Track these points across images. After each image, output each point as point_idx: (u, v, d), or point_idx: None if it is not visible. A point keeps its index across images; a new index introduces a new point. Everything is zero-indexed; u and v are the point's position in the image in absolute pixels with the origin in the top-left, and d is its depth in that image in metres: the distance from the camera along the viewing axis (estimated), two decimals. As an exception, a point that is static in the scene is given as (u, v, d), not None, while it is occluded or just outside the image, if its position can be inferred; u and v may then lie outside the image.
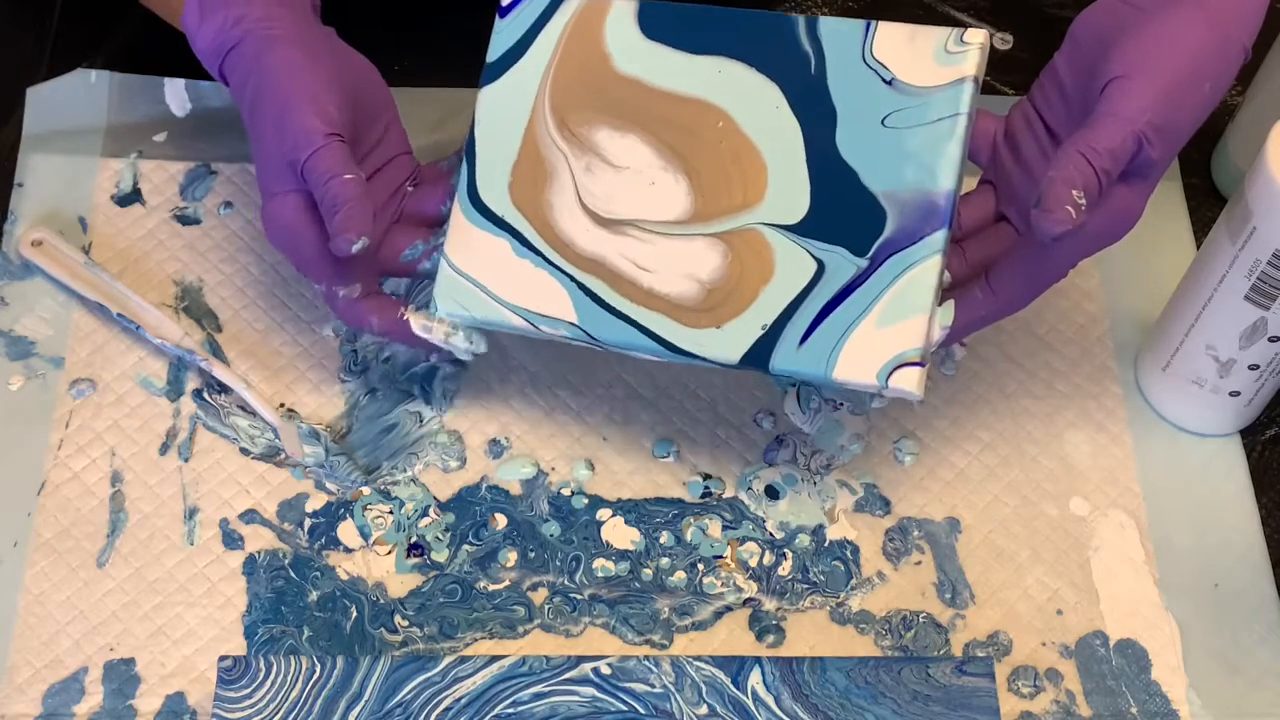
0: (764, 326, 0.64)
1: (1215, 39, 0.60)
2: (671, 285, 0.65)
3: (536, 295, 0.66)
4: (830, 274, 0.63)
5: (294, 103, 0.64)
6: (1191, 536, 0.71)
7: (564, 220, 0.67)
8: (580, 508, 0.71)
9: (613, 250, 0.66)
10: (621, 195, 0.67)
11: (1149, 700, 0.66)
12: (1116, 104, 0.59)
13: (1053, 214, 0.57)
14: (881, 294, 0.62)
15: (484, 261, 0.68)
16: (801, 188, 0.65)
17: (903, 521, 0.71)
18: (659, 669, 0.63)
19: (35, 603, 0.67)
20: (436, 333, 0.68)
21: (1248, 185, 0.64)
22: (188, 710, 0.65)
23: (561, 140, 0.68)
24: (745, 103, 0.66)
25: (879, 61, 0.65)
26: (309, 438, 0.71)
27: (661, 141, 0.67)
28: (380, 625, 0.67)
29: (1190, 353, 0.70)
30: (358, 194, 0.63)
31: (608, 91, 0.68)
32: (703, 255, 0.65)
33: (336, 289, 0.68)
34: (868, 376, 0.62)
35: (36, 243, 0.75)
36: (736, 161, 0.66)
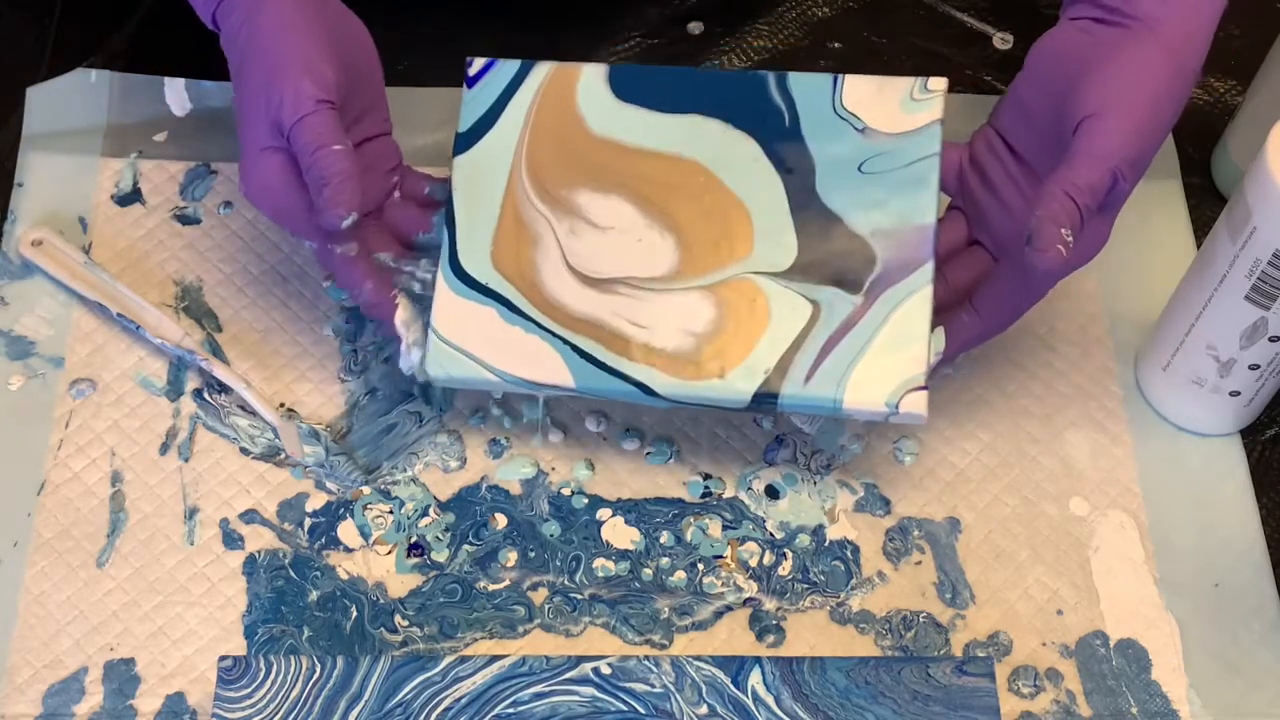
0: (767, 370, 0.65)
1: (1173, 69, 0.63)
2: (667, 340, 0.66)
3: (531, 362, 0.66)
4: (827, 313, 0.66)
5: (286, 63, 0.63)
6: (1192, 536, 0.71)
7: (551, 283, 0.67)
8: (580, 507, 0.71)
9: (604, 309, 0.66)
10: (608, 254, 0.67)
11: (1149, 700, 0.66)
12: (1093, 143, 0.61)
13: (1046, 253, 0.60)
14: (880, 327, 0.65)
15: (473, 331, 0.67)
16: (788, 236, 0.67)
17: (903, 521, 0.71)
18: (659, 669, 0.63)
19: (35, 603, 0.67)
20: (408, 335, 0.68)
21: (1248, 185, 0.64)
22: (188, 710, 0.65)
23: (542, 204, 0.68)
24: (724, 157, 0.68)
25: (850, 112, 0.68)
26: (309, 437, 0.71)
27: (644, 200, 0.68)
28: (380, 625, 0.67)
29: (1190, 353, 0.70)
30: (347, 166, 0.62)
31: (585, 154, 0.69)
32: (695, 308, 0.66)
33: (332, 246, 0.67)
34: (877, 404, 0.65)
35: (36, 242, 0.75)
36: (722, 215, 0.67)
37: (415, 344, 0.68)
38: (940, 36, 0.86)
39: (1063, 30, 0.66)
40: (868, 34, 0.86)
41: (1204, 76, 0.85)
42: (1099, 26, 0.64)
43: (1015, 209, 0.67)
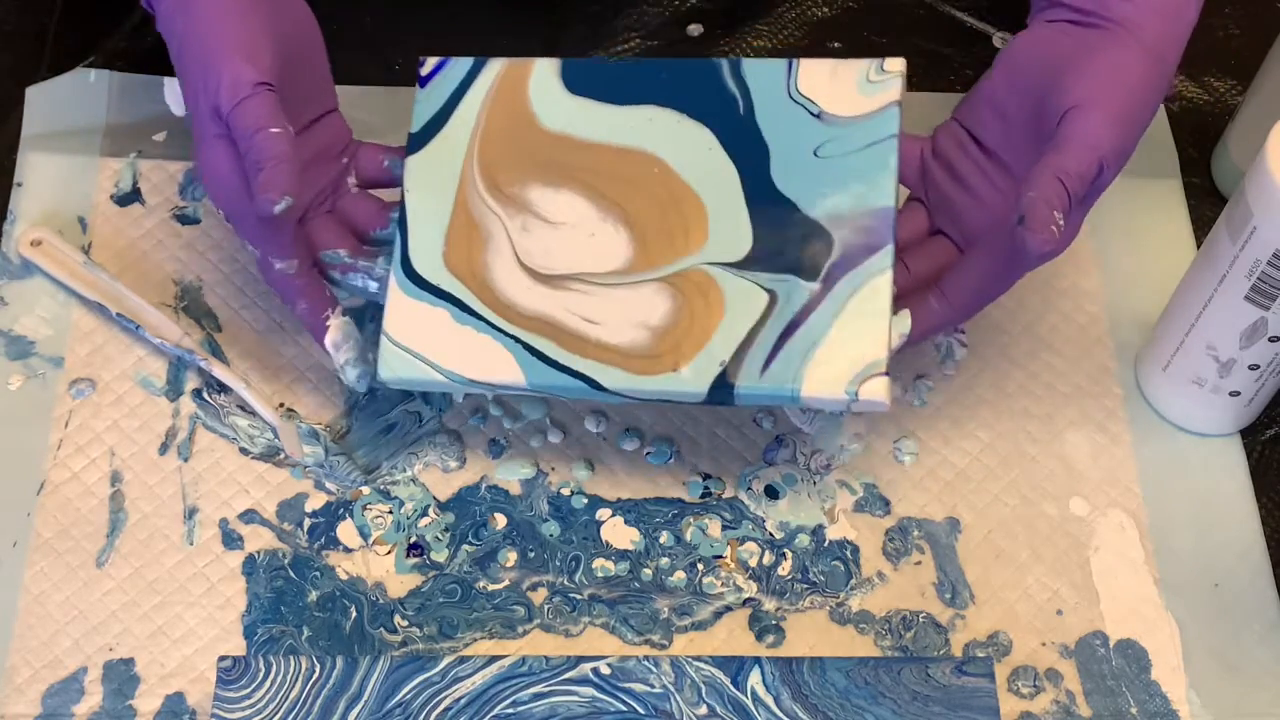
0: (723, 363, 0.64)
1: (1152, 66, 0.64)
2: (621, 335, 0.65)
3: (482, 362, 0.66)
4: (783, 302, 0.64)
5: (221, 47, 0.62)
6: (1191, 536, 0.71)
7: (503, 282, 0.66)
8: (580, 508, 0.71)
9: (557, 306, 0.66)
10: (561, 251, 0.67)
11: (1149, 700, 0.66)
12: (1081, 131, 0.61)
13: (1039, 234, 0.60)
14: (839, 312, 0.64)
15: (425, 332, 0.66)
16: (743, 225, 0.66)
17: (902, 521, 0.71)
18: (659, 669, 0.63)
19: (35, 603, 0.67)
20: (339, 355, 0.68)
21: (1248, 185, 0.64)
22: (187, 710, 0.65)
23: (494, 202, 0.68)
24: (678, 148, 0.67)
25: (805, 96, 0.67)
26: (308, 437, 0.71)
27: (597, 193, 0.67)
28: (380, 625, 0.67)
29: (1190, 353, 0.70)
30: (283, 149, 0.61)
31: (537, 150, 0.68)
32: (650, 301, 0.65)
33: (271, 259, 0.66)
34: (836, 392, 0.63)
35: (36, 242, 0.75)
36: (676, 206, 0.66)
37: (348, 364, 0.68)
38: (940, 36, 0.86)
39: (1038, 30, 0.66)
40: (867, 34, 0.86)
41: (1204, 76, 0.85)
42: (1076, 28, 0.65)
43: (985, 199, 0.67)
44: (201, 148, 0.64)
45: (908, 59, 0.72)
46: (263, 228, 0.64)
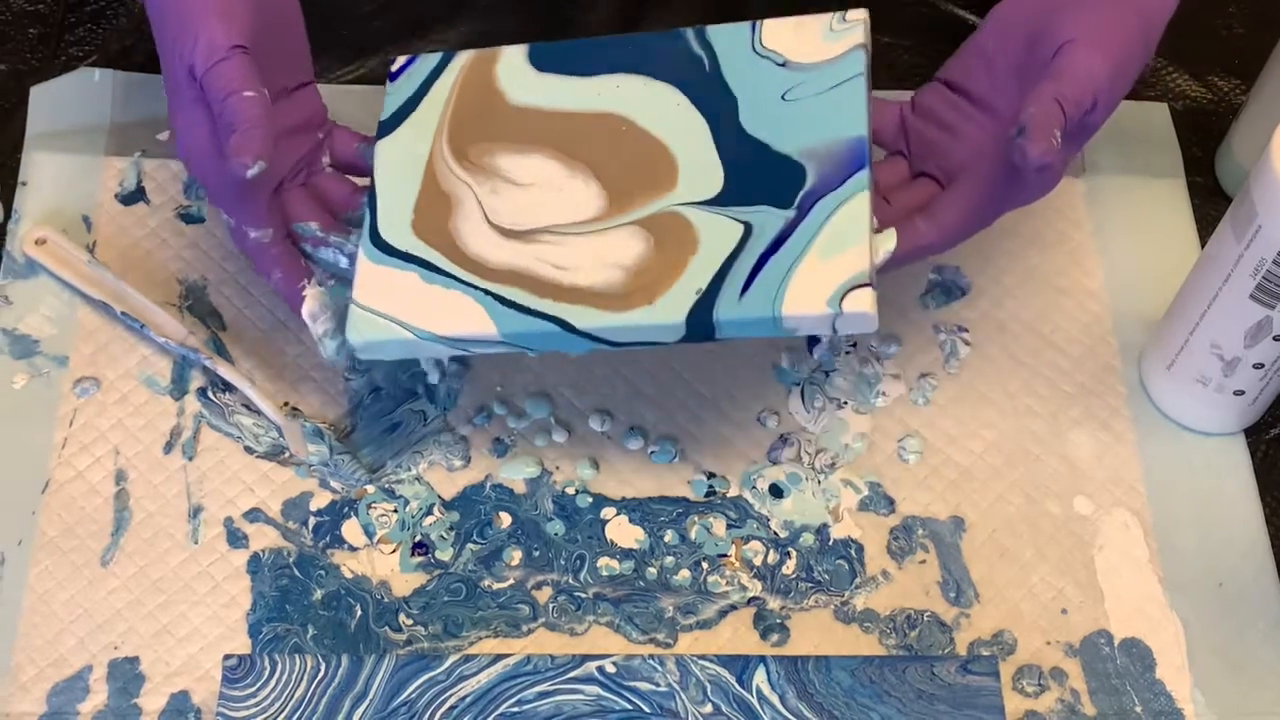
0: (699, 290, 0.62)
1: (1141, 27, 0.65)
2: (593, 277, 0.63)
3: (452, 316, 0.64)
4: (760, 230, 0.63)
5: (200, 8, 0.61)
6: (1196, 535, 0.71)
7: (472, 241, 0.65)
8: (584, 506, 0.71)
9: (527, 257, 0.65)
10: (530, 207, 0.66)
11: (1153, 699, 0.66)
12: (1077, 62, 0.62)
13: (1039, 142, 0.60)
14: (817, 234, 0.62)
15: (393, 295, 0.65)
16: (714, 167, 0.65)
17: (907, 520, 0.71)
18: (664, 668, 0.63)
19: (40, 601, 0.67)
20: (317, 326, 0.67)
21: (1253, 184, 0.64)
22: (192, 709, 0.65)
23: (462, 171, 0.67)
24: (646, 107, 0.67)
25: (770, 50, 0.67)
26: (313, 436, 0.71)
27: (566, 154, 0.67)
28: (385, 624, 0.67)
29: (1195, 352, 0.70)
30: (258, 113, 0.60)
31: (505, 122, 0.68)
32: (623, 244, 0.64)
33: (246, 228, 0.66)
34: (818, 306, 0.61)
35: (40, 241, 0.75)
36: (645, 157, 0.66)
37: (326, 335, 0.67)
38: (943, 34, 0.86)
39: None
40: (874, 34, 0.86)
41: (1208, 75, 0.85)
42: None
43: (971, 138, 0.67)
44: (176, 112, 0.63)
45: (910, 58, 0.72)
46: (237, 194, 0.64)
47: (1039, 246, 0.78)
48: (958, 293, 0.77)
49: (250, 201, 0.65)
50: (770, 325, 0.61)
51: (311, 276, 0.68)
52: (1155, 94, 0.84)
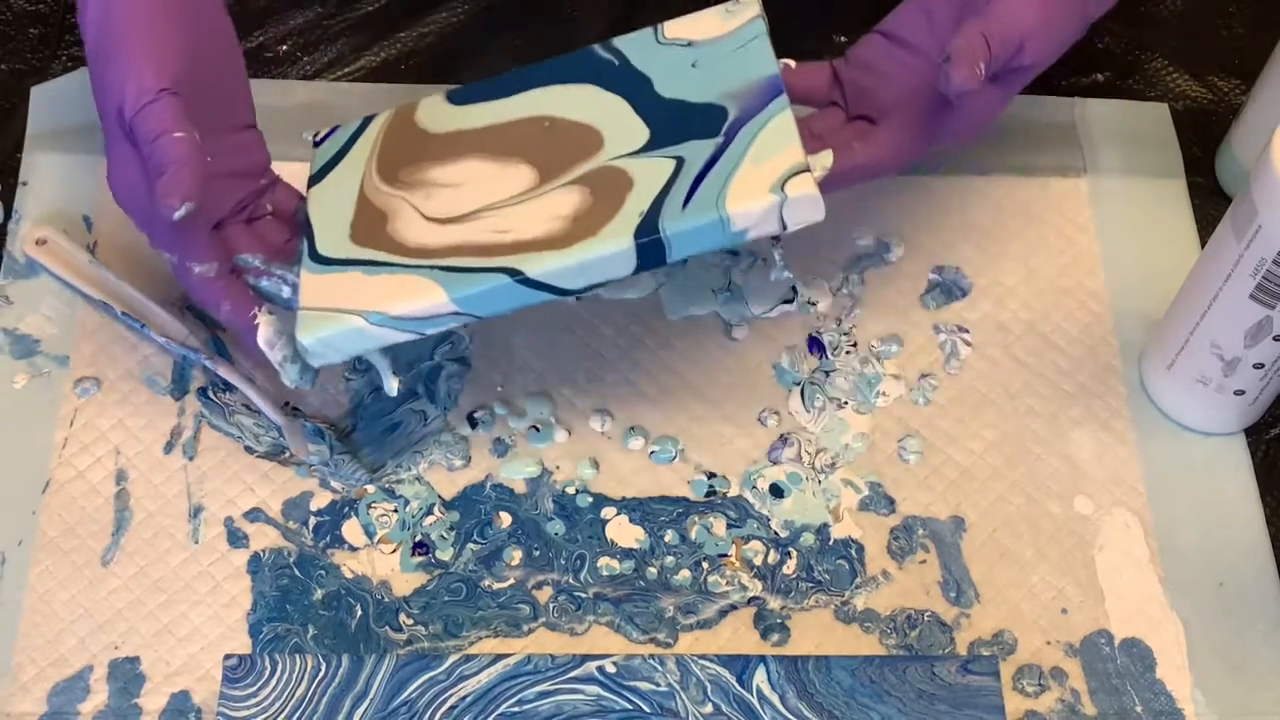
0: (640, 214, 0.62)
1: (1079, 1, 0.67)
2: (535, 229, 0.64)
3: (401, 296, 0.63)
4: (691, 159, 0.64)
5: (131, 50, 0.61)
6: (1196, 535, 0.71)
7: (412, 235, 0.65)
8: (585, 506, 0.71)
9: (468, 234, 0.65)
10: (465, 197, 0.66)
11: (1154, 699, 0.66)
12: (1005, 6, 0.64)
13: (963, 68, 0.62)
14: (749, 146, 0.63)
15: (339, 291, 0.64)
16: (639, 126, 0.66)
17: (907, 520, 0.71)
18: (664, 668, 0.63)
19: (40, 601, 0.67)
20: (275, 353, 0.65)
21: (1253, 183, 0.64)
22: (193, 709, 0.65)
23: (394, 189, 0.68)
24: (564, 102, 0.68)
25: (672, 39, 0.69)
26: (313, 436, 0.71)
27: (492, 153, 0.67)
28: (385, 623, 0.67)
29: (1195, 351, 0.70)
30: (185, 155, 0.60)
31: (431, 146, 0.69)
32: (561, 199, 0.64)
33: (189, 263, 0.64)
34: (762, 196, 0.61)
35: (41, 241, 0.75)
36: (572, 135, 0.67)
37: (286, 360, 0.66)
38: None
39: None
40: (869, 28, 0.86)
41: (1208, 76, 0.85)
42: None
43: (904, 78, 0.68)
44: (110, 151, 0.63)
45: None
46: (174, 233, 0.63)
47: (1039, 247, 0.78)
48: (958, 293, 0.77)
49: (189, 237, 0.64)
50: (720, 229, 0.62)
51: (261, 305, 0.66)
52: (1155, 94, 0.84)
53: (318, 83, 0.83)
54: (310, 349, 0.64)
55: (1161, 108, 0.83)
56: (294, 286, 0.67)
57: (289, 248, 0.68)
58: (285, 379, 0.66)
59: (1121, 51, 0.86)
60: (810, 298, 0.76)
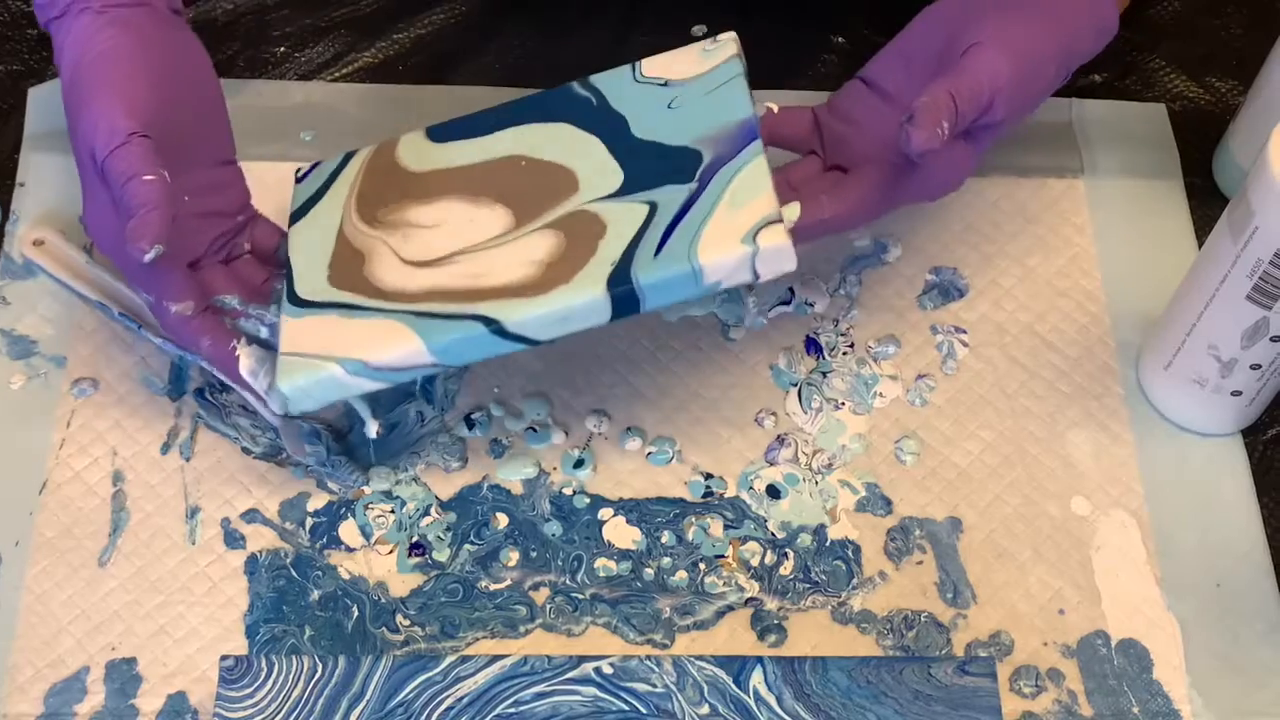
0: (613, 262, 0.63)
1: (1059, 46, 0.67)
2: (510, 275, 0.64)
3: (377, 343, 0.64)
4: (665, 204, 0.64)
5: (101, 93, 0.61)
6: (1193, 536, 0.71)
7: (388, 278, 0.66)
8: (582, 507, 0.71)
9: (443, 278, 0.65)
10: (441, 239, 0.67)
11: (1151, 700, 0.66)
12: (978, 62, 0.65)
13: (923, 130, 0.62)
14: (722, 193, 0.64)
15: (318, 337, 0.65)
16: (613, 169, 0.67)
17: (904, 521, 0.71)
18: (661, 668, 0.63)
19: (37, 602, 0.67)
20: (259, 382, 0.66)
21: (1250, 184, 0.64)
22: (189, 710, 0.65)
23: (372, 230, 0.68)
24: (540, 142, 0.69)
25: (650, 77, 0.69)
26: (310, 437, 0.71)
27: (469, 194, 0.68)
28: (382, 624, 0.67)
29: (1192, 352, 0.70)
30: (155, 198, 0.60)
31: (409, 186, 0.69)
32: (535, 243, 0.65)
33: (166, 303, 0.65)
34: (734, 247, 0.62)
35: (38, 242, 0.75)
36: (546, 176, 0.67)
37: (270, 390, 0.66)
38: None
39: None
40: (867, 32, 0.86)
41: (1205, 76, 0.85)
42: None
43: (878, 131, 0.68)
44: (85, 191, 0.64)
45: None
46: (150, 273, 0.64)
47: (1036, 248, 0.78)
48: (955, 294, 0.77)
49: (165, 277, 0.64)
50: (692, 280, 0.62)
51: (241, 338, 0.66)
52: (1153, 95, 0.84)
53: (315, 83, 0.83)
54: (289, 396, 0.64)
55: (1159, 108, 0.83)
56: (271, 327, 0.68)
57: (266, 288, 0.69)
58: (271, 407, 0.66)
59: (1119, 52, 0.86)
60: (807, 298, 0.76)
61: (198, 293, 0.66)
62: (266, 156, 0.79)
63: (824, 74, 0.85)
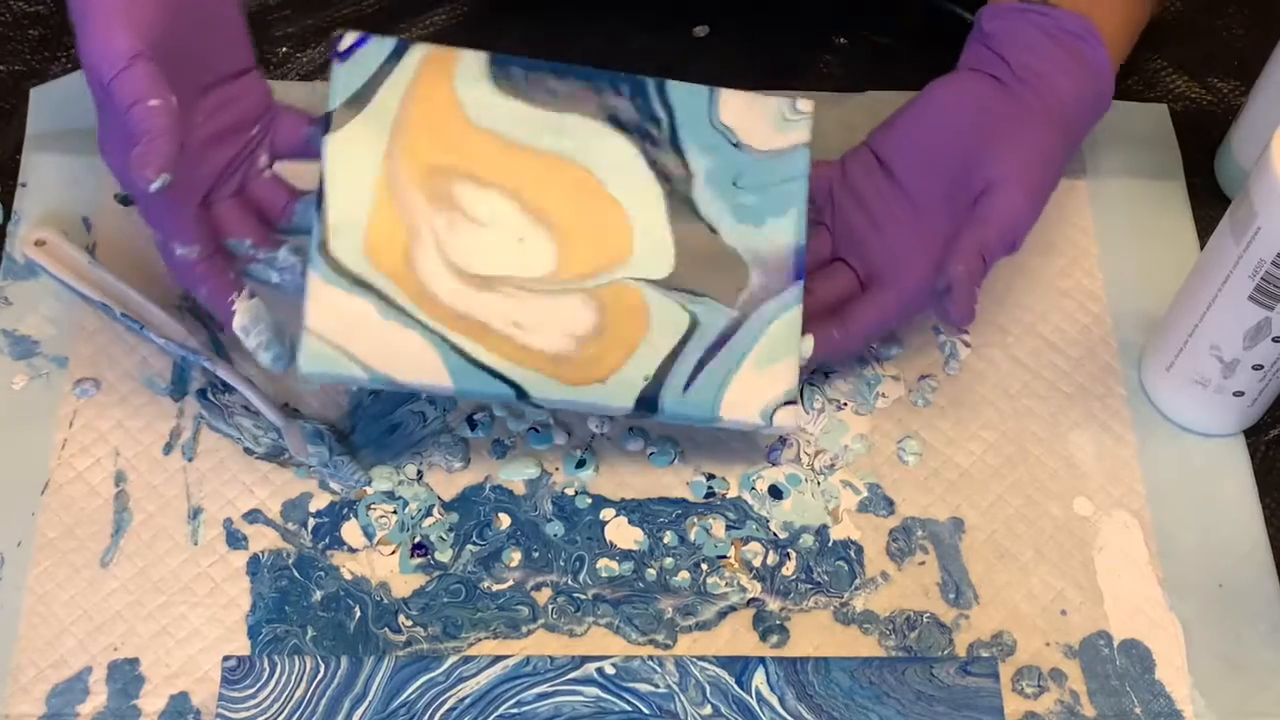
0: (646, 378, 0.66)
1: (1067, 149, 0.69)
2: (547, 342, 0.65)
3: (409, 363, 0.65)
4: (705, 325, 0.67)
5: (103, 14, 0.58)
6: (1195, 536, 0.71)
7: (429, 278, 0.65)
8: (584, 508, 0.71)
9: (483, 309, 0.65)
10: (487, 253, 0.66)
11: (1153, 700, 0.66)
12: (1005, 207, 0.66)
13: (962, 308, 0.65)
14: (754, 343, 0.67)
15: (348, 327, 0.65)
16: (666, 244, 0.68)
17: (906, 521, 0.71)
18: (663, 669, 0.63)
19: (39, 602, 0.67)
20: (250, 339, 0.66)
21: (1252, 185, 0.64)
22: (192, 710, 0.65)
23: (418, 195, 0.66)
24: (603, 159, 0.68)
25: (725, 125, 0.70)
26: (313, 437, 0.71)
27: (522, 198, 0.67)
28: (384, 625, 0.67)
29: (1194, 353, 0.70)
30: (159, 125, 0.58)
31: (463, 146, 0.67)
32: (576, 311, 0.66)
33: (172, 244, 0.63)
34: (751, 417, 0.67)
35: (40, 243, 0.75)
36: (600, 218, 0.67)
37: (261, 347, 0.66)
38: (944, 35, 0.86)
39: (965, 82, 0.70)
40: (868, 32, 0.86)
41: (1207, 77, 0.85)
42: (1003, 88, 0.68)
43: (890, 234, 0.70)
44: (99, 117, 0.61)
45: (910, 56, 0.72)
46: (159, 208, 0.62)
47: (1039, 248, 0.78)
48: (957, 294, 0.77)
49: (174, 214, 0.63)
50: (708, 422, 0.67)
51: (242, 289, 0.66)
52: (1155, 95, 0.84)
53: (317, 83, 0.83)
54: (307, 377, 0.65)
55: (1161, 109, 0.83)
56: (282, 270, 0.67)
57: (288, 210, 0.67)
58: (259, 362, 0.67)
59: (1121, 52, 0.86)
60: None
61: (206, 234, 0.64)
62: (268, 157, 0.79)
63: (824, 74, 0.85)
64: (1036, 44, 0.69)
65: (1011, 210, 0.66)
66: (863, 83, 0.83)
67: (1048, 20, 0.69)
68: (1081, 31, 0.69)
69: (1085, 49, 0.69)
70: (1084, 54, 0.69)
